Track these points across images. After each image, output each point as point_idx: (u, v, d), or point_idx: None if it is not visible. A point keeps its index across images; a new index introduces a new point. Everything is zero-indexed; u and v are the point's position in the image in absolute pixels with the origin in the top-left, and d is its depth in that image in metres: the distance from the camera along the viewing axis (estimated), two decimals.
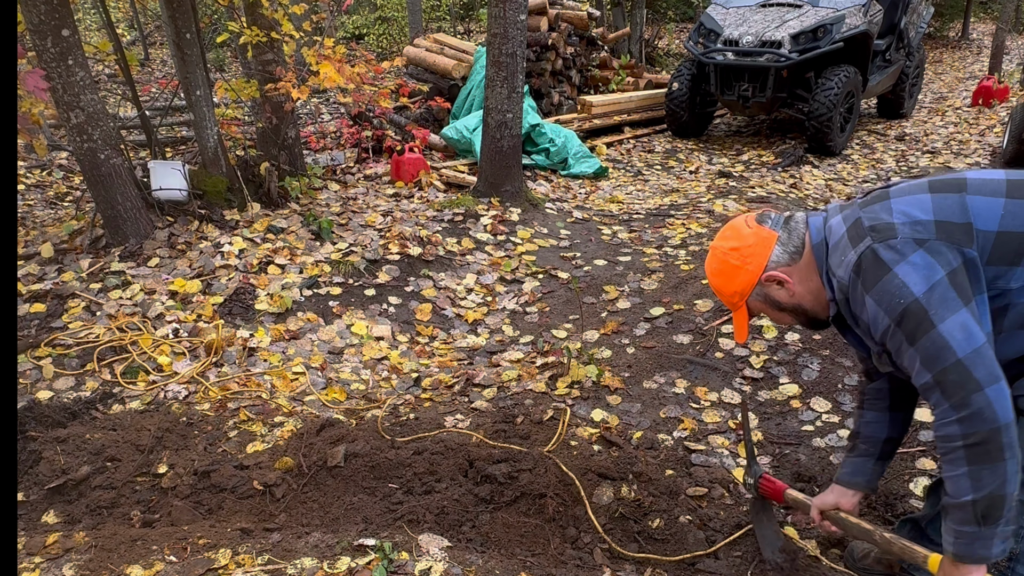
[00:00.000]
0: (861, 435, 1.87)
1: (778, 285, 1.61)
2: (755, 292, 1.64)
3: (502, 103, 5.53)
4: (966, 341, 1.38)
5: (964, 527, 1.42)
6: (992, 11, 18.41)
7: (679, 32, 16.80)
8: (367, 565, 2.05)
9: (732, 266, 1.63)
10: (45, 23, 3.76)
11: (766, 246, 1.60)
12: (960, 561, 1.45)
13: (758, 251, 1.60)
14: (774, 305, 1.66)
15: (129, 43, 13.05)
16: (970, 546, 1.42)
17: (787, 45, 7.45)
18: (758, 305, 1.68)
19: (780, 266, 1.60)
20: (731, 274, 1.64)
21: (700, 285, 4.07)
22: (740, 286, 1.64)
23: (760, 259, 1.60)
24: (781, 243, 1.60)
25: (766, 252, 1.59)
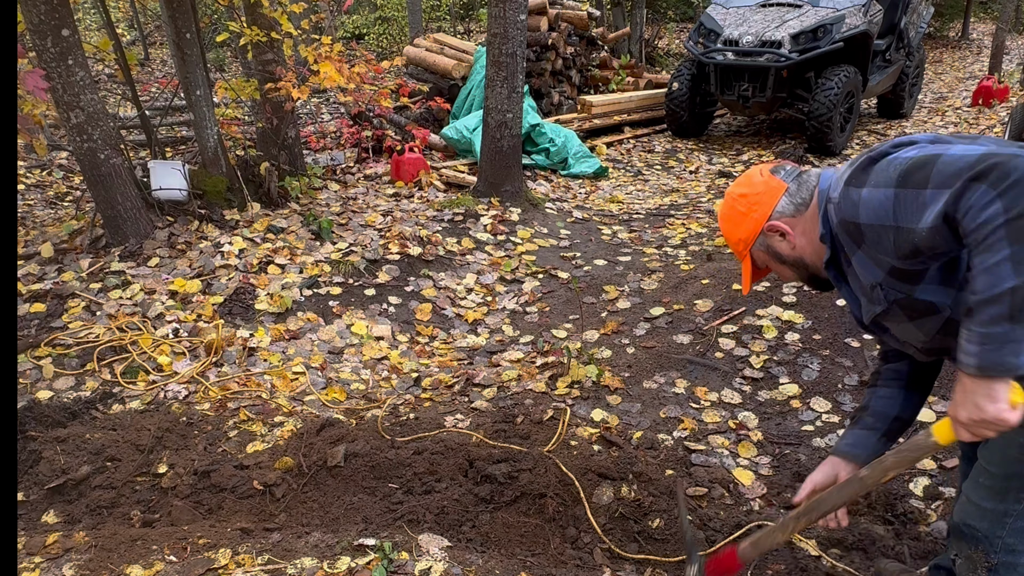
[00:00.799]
0: (870, 408, 1.73)
1: (780, 236, 1.58)
2: (759, 242, 1.61)
3: (502, 103, 5.53)
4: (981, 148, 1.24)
5: (994, 327, 1.20)
6: (992, 11, 18.41)
7: (679, 32, 16.80)
8: (367, 565, 2.05)
9: (738, 212, 1.62)
10: (45, 23, 3.76)
11: (773, 195, 1.57)
12: (984, 374, 1.24)
13: (764, 200, 1.58)
14: (776, 257, 1.62)
15: (129, 43, 13.05)
16: (999, 351, 1.21)
17: (787, 45, 7.45)
18: (762, 256, 1.64)
19: (784, 216, 1.57)
20: (737, 220, 1.62)
21: (700, 285, 4.07)
22: (744, 233, 1.62)
23: (765, 208, 1.57)
24: (789, 194, 1.57)
25: (772, 201, 1.57)
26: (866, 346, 3.27)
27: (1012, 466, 1.47)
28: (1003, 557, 1.53)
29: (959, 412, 1.31)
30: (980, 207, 1.19)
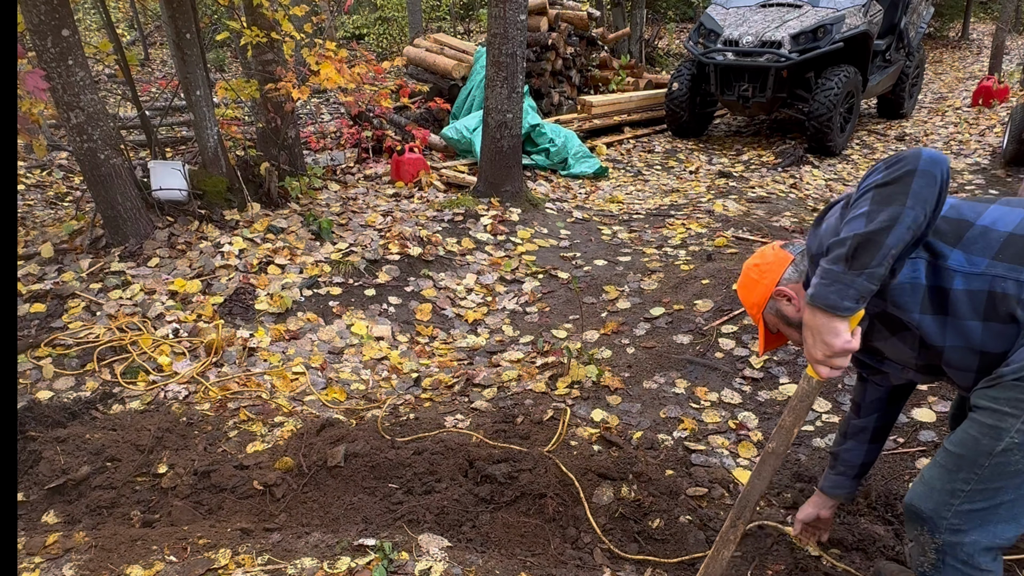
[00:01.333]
0: (840, 459, 2.06)
1: (787, 300, 1.73)
2: (769, 306, 1.78)
3: (502, 103, 5.53)
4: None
5: (832, 265, 1.42)
6: (992, 11, 18.41)
7: (679, 32, 16.80)
8: (367, 565, 2.05)
9: (752, 279, 1.81)
10: (45, 23, 3.76)
11: (781, 265, 1.76)
12: (812, 304, 1.46)
13: (774, 268, 1.77)
14: (784, 319, 1.77)
15: (129, 43, 13.05)
16: (827, 288, 1.43)
17: (787, 45, 7.45)
18: (772, 319, 1.80)
19: (790, 283, 1.73)
20: (751, 287, 1.81)
21: (700, 285, 4.08)
22: (757, 298, 1.79)
23: (774, 275, 1.76)
24: (794, 264, 1.74)
25: (780, 270, 1.75)
26: None
27: (968, 445, 1.52)
28: (947, 537, 1.56)
29: (814, 352, 1.51)
30: (868, 182, 1.44)
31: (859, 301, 1.41)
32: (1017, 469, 1.47)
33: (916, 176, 1.36)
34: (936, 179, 1.37)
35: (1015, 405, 1.45)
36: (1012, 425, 1.45)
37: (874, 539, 2.28)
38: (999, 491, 1.49)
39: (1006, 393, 1.46)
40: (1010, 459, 1.46)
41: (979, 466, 1.50)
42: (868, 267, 1.38)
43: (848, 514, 2.43)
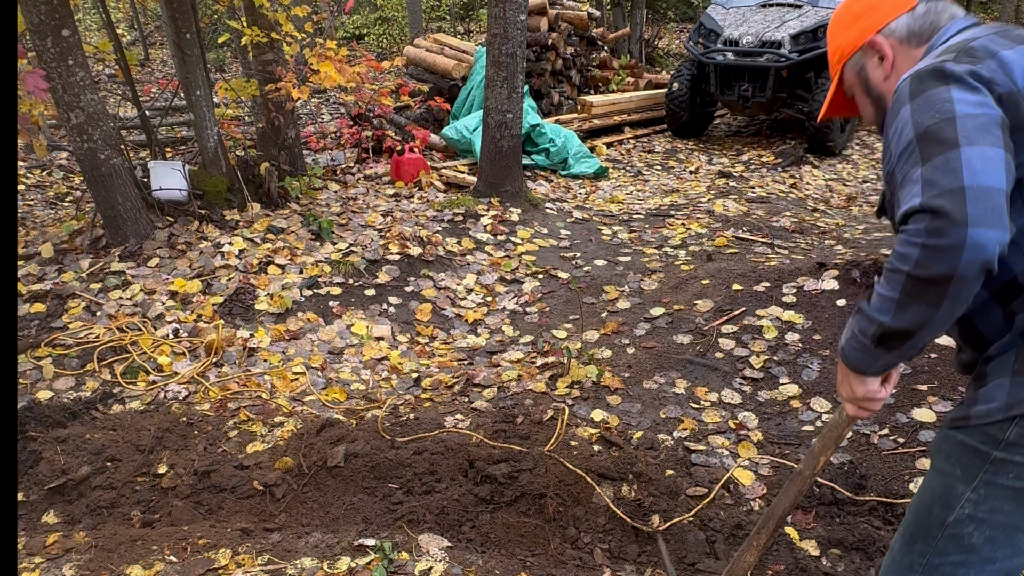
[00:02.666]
0: None
1: (879, 59, 1.38)
2: (854, 59, 1.42)
3: (502, 103, 5.53)
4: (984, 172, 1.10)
5: (861, 337, 1.27)
6: (992, 11, 18.41)
7: (679, 32, 16.81)
8: (367, 565, 2.05)
9: (851, 14, 1.42)
10: (45, 23, 3.76)
11: (896, 9, 1.35)
12: (841, 357, 1.34)
13: (883, 9, 1.36)
14: (864, 84, 1.43)
15: (129, 43, 13.05)
16: (855, 350, 1.29)
17: (787, 45, 7.45)
18: (852, 78, 1.45)
19: (893, 37, 1.36)
20: (845, 23, 1.42)
21: (700, 285, 4.08)
22: (846, 41, 1.42)
23: (879, 18, 1.36)
24: (912, 14, 1.35)
25: (892, 13, 1.35)
26: None
27: (922, 513, 1.37)
28: None
29: (841, 389, 1.40)
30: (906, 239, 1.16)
31: (888, 366, 1.28)
32: (971, 544, 1.30)
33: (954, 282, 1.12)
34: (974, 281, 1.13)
35: (967, 469, 1.28)
36: (963, 494, 1.29)
37: (874, 539, 2.28)
38: (958, 567, 1.32)
39: (959, 453, 1.30)
40: (963, 531, 1.30)
41: (932, 538, 1.34)
42: (896, 350, 1.24)
43: (848, 514, 2.43)
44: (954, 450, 1.31)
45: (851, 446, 2.76)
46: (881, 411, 2.93)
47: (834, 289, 3.59)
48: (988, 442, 1.25)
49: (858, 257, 3.86)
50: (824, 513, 2.46)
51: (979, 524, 1.28)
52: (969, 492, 1.28)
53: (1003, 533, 1.28)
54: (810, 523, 2.41)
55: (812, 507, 2.48)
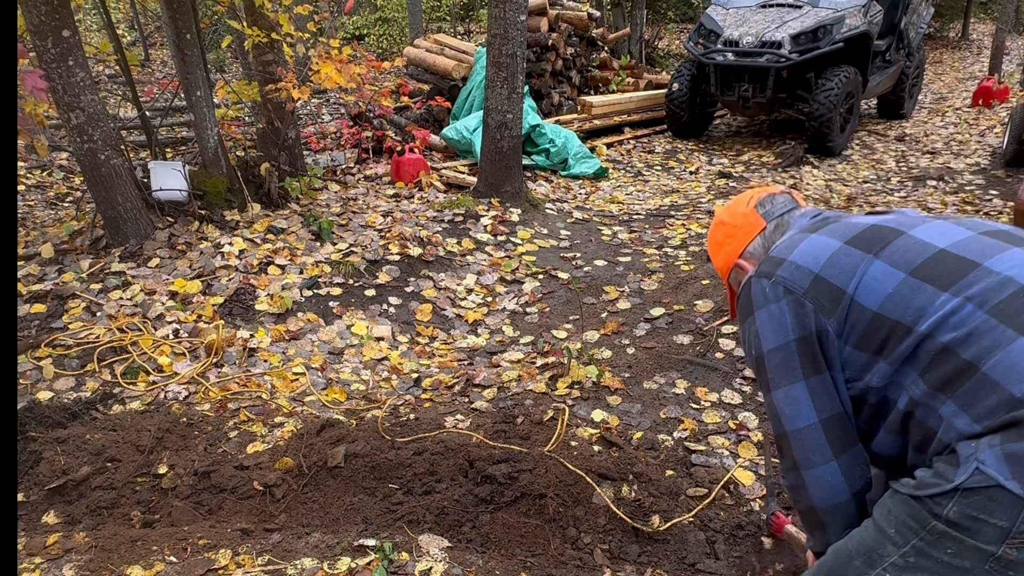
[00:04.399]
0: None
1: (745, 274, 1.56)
2: (732, 274, 1.61)
3: (502, 104, 5.53)
4: (793, 417, 1.35)
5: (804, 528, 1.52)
6: (992, 11, 18.41)
7: (679, 32, 16.81)
8: (367, 565, 2.05)
9: (717, 241, 1.63)
10: (45, 24, 3.76)
11: (749, 232, 1.55)
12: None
13: (739, 235, 1.56)
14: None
15: (129, 44, 13.06)
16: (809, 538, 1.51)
17: (787, 46, 7.45)
18: (736, 288, 1.63)
19: (752, 257, 1.54)
20: (715, 248, 1.63)
21: (700, 285, 4.07)
22: (719, 262, 1.63)
23: (738, 244, 1.56)
24: (763, 235, 1.53)
25: (746, 239, 1.55)
26: None
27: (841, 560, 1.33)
28: None
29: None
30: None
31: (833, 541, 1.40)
32: None
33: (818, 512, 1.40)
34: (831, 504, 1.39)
35: (901, 532, 1.21)
36: (891, 554, 1.22)
37: None
38: None
39: (899, 512, 1.22)
40: None
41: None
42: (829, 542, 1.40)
43: None
44: (896, 509, 1.23)
45: None
46: None
47: None
48: (930, 512, 1.17)
49: None
50: None
51: None
52: (897, 556, 1.21)
53: None
54: None
55: None
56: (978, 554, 1.13)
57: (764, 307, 1.37)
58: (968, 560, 1.14)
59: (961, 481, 1.12)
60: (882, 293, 1.26)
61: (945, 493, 1.14)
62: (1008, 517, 1.09)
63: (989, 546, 1.11)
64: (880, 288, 1.26)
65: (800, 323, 1.32)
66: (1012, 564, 1.11)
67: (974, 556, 1.13)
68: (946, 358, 1.18)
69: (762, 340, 1.37)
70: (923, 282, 1.23)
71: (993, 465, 1.09)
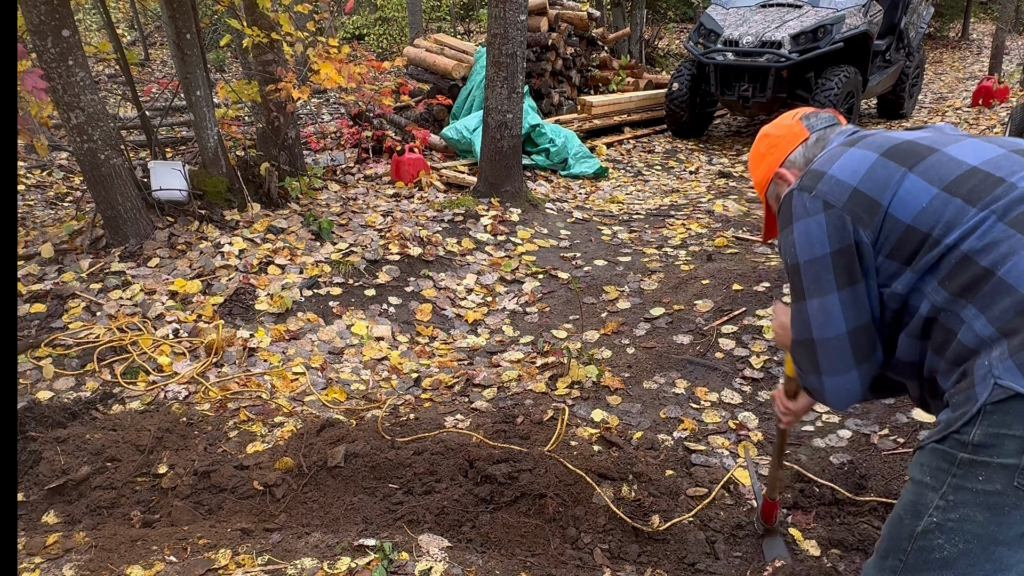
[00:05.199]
0: None
1: (786, 185, 1.58)
2: (770, 188, 1.63)
3: (502, 103, 5.53)
4: (822, 326, 1.41)
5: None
6: (992, 11, 18.40)
7: (679, 32, 16.81)
8: (367, 565, 2.05)
9: (759, 153, 1.65)
10: (45, 23, 3.76)
11: (791, 142, 1.58)
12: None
13: (782, 145, 1.60)
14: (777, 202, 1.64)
15: (129, 43, 13.05)
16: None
17: (787, 45, 7.45)
18: (772, 203, 1.66)
19: (793, 167, 1.57)
20: (757, 160, 1.66)
21: (700, 285, 4.07)
22: (760, 176, 1.65)
23: (780, 154, 1.59)
24: (805, 145, 1.57)
25: (788, 148, 1.58)
26: None
27: (894, 525, 1.33)
28: None
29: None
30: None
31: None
32: (943, 557, 1.23)
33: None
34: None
35: (936, 476, 1.24)
36: (932, 501, 1.24)
37: (875, 539, 2.28)
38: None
39: (930, 460, 1.27)
40: (932, 543, 1.24)
41: (903, 551, 1.29)
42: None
43: (848, 514, 2.43)
44: (927, 459, 1.28)
45: (851, 446, 2.76)
46: (881, 411, 2.93)
47: None
48: (956, 445, 1.22)
49: None
50: (824, 513, 2.46)
51: (949, 534, 1.21)
52: (938, 499, 1.23)
53: (979, 546, 1.19)
54: (811, 523, 2.41)
55: (812, 507, 2.48)
56: (1004, 472, 1.16)
57: (803, 219, 1.41)
58: (999, 482, 1.16)
59: (984, 399, 1.17)
60: (915, 207, 1.31)
61: (970, 420, 1.19)
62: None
63: (1011, 459, 1.15)
64: (913, 202, 1.31)
65: (838, 235, 1.37)
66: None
67: (1002, 476, 1.16)
68: (965, 266, 1.24)
69: (799, 251, 1.42)
70: (953, 197, 1.28)
71: (1009, 377, 1.15)
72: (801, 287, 1.43)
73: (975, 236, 1.24)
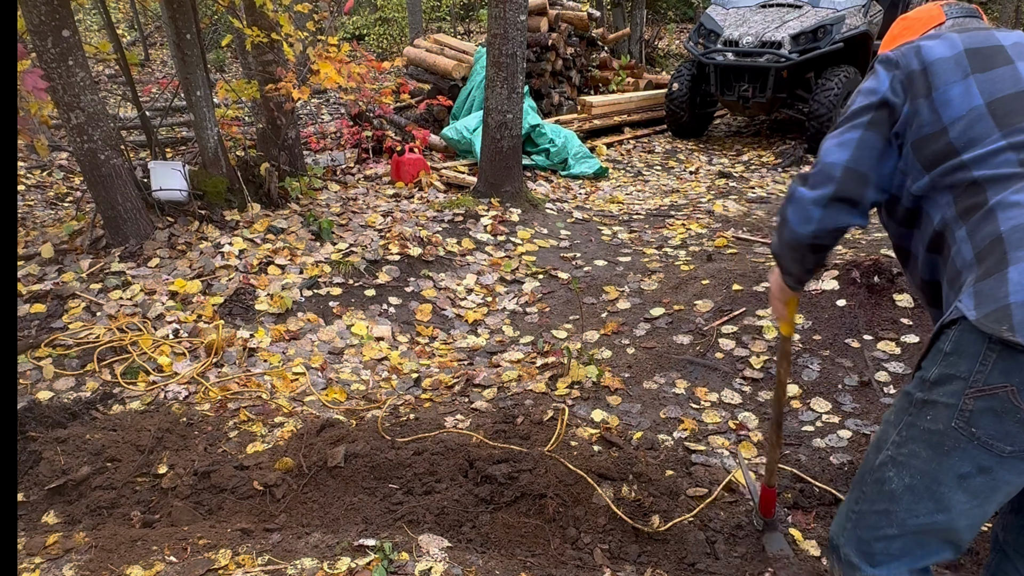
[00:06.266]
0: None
1: None
2: None
3: (502, 103, 5.53)
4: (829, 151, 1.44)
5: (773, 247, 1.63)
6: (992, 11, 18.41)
7: (679, 32, 16.81)
8: (367, 565, 2.05)
9: (894, 35, 1.61)
10: (45, 24, 3.76)
11: (927, 25, 1.53)
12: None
13: (917, 27, 1.55)
14: None
15: (129, 44, 13.05)
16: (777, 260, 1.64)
17: (787, 45, 7.45)
18: None
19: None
20: (889, 41, 1.61)
21: (700, 285, 4.07)
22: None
23: (914, 34, 1.53)
24: (939, 29, 1.52)
25: (923, 29, 1.53)
26: (866, 346, 3.27)
27: (864, 463, 1.40)
28: (844, 570, 1.40)
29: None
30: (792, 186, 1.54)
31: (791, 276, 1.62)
32: (891, 489, 1.29)
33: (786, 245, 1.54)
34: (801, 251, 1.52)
35: (898, 415, 1.33)
36: (889, 436, 1.32)
37: None
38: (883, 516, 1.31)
39: (899, 401, 1.35)
40: (885, 475, 1.31)
41: (863, 483, 1.37)
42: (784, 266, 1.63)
43: None
44: (898, 401, 1.36)
45: (851, 446, 2.76)
46: (881, 411, 2.93)
47: (834, 289, 3.60)
48: (918, 384, 1.30)
49: (858, 257, 3.86)
50: (825, 514, 2.46)
51: (899, 468, 1.29)
52: (894, 434, 1.32)
53: (922, 482, 1.26)
54: (811, 523, 2.41)
55: (812, 507, 2.48)
56: (946, 411, 1.23)
57: (875, 71, 1.44)
58: (941, 421, 1.23)
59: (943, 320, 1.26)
60: (954, 112, 1.32)
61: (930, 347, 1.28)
62: (968, 366, 1.19)
63: (953, 399, 1.21)
64: (956, 106, 1.32)
65: (890, 91, 1.39)
66: (972, 416, 1.19)
67: (944, 415, 1.23)
68: (974, 191, 1.28)
69: (858, 95, 1.45)
70: (989, 116, 1.30)
71: (966, 301, 1.21)
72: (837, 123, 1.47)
73: (989, 163, 1.27)
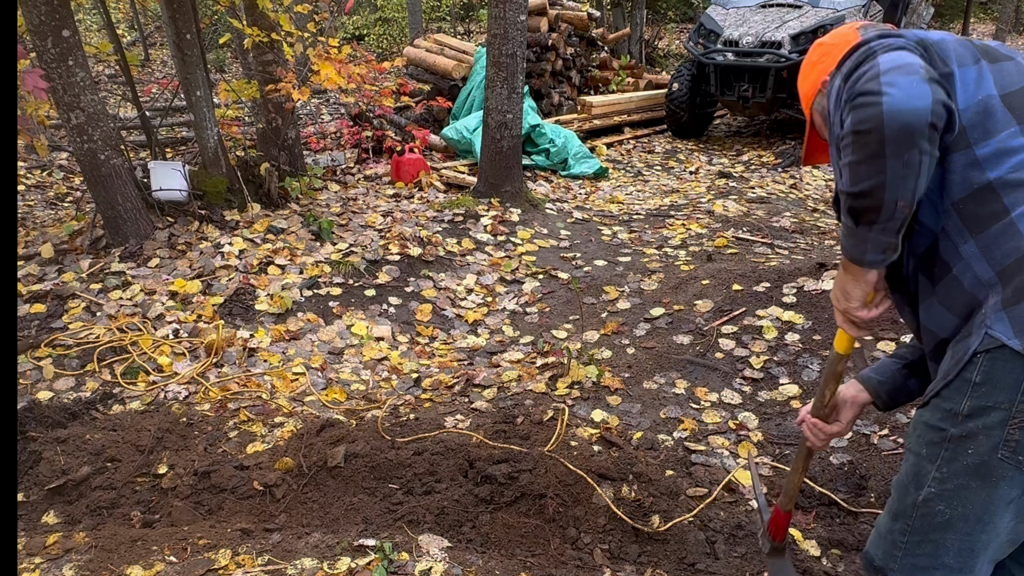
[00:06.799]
0: (908, 344, 1.66)
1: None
2: (817, 100, 1.46)
3: (502, 104, 5.53)
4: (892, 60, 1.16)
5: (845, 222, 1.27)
6: (992, 11, 18.41)
7: (679, 32, 16.81)
8: (367, 565, 2.05)
9: (811, 62, 1.50)
10: (45, 24, 3.76)
11: (843, 49, 1.35)
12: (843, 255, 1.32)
13: (834, 53, 1.40)
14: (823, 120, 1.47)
15: (129, 44, 13.05)
16: (846, 239, 1.28)
17: (787, 45, 7.45)
18: (817, 119, 1.50)
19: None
20: (807, 70, 1.50)
21: (700, 285, 4.07)
22: (808, 86, 1.49)
23: (831, 61, 1.39)
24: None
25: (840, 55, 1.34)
26: (866, 346, 3.27)
27: (900, 491, 1.38)
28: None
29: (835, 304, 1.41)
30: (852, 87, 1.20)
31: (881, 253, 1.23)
32: (945, 520, 1.30)
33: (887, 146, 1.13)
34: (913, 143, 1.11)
35: (931, 450, 1.30)
36: (928, 472, 1.31)
37: None
38: (938, 545, 1.32)
39: (924, 433, 1.31)
40: (934, 509, 1.31)
41: (909, 516, 1.36)
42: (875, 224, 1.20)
43: (848, 514, 2.43)
44: (922, 431, 1.32)
45: (851, 446, 2.76)
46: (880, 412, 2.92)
47: None
48: (947, 419, 1.26)
49: None
50: (824, 514, 2.46)
51: (948, 501, 1.28)
52: (934, 471, 1.30)
53: (975, 512, 1.26)
54: (811, 524, 2.41)
55: (812, 508, 2.48)
56: (988, 443, 1.19)
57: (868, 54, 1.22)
58: (984, 454, 1.21)
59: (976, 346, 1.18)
60: (971, 97, 1.23)
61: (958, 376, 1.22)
62: (1008, 396, 1.15)
63: (993, 431, 1.18)
64: (972, 90, 1.23)
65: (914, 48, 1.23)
66: (1020, 446, 1.17)
67: (986, 447, 1.20)
68: (987, 196, 1.19)
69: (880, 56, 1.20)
70: (1005, 108, 1.21)
71: (1000, 328, 1.15)
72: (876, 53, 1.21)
73: (1006, 163, 1.17)
